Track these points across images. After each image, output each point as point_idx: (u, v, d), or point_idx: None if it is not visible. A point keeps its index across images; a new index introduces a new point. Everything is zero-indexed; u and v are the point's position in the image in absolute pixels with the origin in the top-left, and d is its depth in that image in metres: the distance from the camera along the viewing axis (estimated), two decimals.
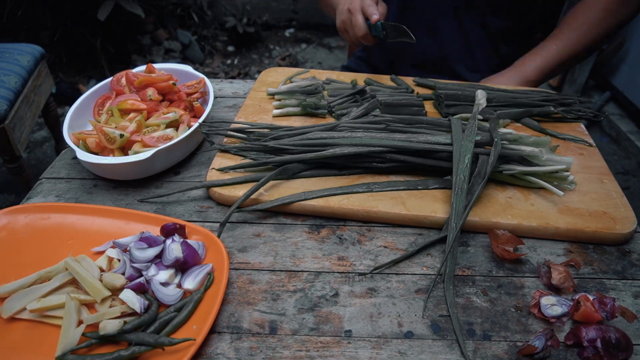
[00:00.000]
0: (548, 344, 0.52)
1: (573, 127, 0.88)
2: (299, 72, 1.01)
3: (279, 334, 0.54)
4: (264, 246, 0.65)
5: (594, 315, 0.54)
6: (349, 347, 0.53)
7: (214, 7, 3.40)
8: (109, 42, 2.84)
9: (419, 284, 0.60)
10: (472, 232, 0.68)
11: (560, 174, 0.71)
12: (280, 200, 0.68)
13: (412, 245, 0.65)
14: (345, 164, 0.74)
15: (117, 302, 0.55)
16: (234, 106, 0.96)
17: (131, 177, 0.75)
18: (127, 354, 0.49)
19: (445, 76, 1.02)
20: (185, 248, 0.59)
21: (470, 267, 0.63)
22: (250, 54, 3.34)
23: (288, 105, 0.89)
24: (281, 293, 0.59)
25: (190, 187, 0.71)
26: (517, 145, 0.73)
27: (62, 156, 0.82)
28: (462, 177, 0.66)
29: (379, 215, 0.68)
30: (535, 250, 0.66)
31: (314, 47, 3.48)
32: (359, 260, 0.63)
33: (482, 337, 0.54)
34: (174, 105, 0.84)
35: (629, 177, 2.31)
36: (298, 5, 3.58)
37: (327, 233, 0.67)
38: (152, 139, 0.74)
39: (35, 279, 0.57)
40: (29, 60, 1.65)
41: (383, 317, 0.56)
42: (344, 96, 0.90)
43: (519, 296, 0.59)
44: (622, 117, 2.57)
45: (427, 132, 0.75)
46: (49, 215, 0.66)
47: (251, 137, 0.78)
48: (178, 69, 0.91)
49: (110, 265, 0.60)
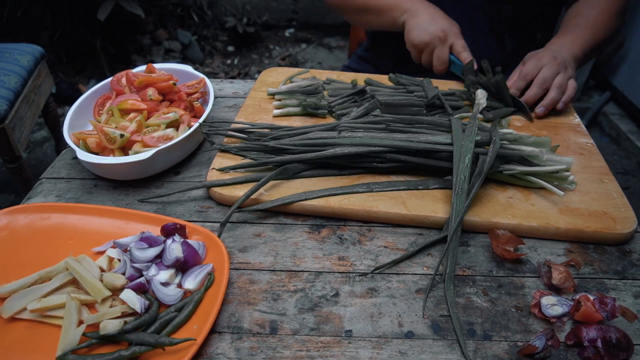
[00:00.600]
0: (548, 344, 0.52)
1: (573, 127, 0.88)
2: (299, 72, 1.01)
3: (280, 334, 0.54)
4: (264, 246, 0.65)
5: (594, 315, 0.54)
6: (349, 347, 0.53)
7: (214, 7, 3.40)
8: (109, 42, 2.84)
9: (419, 284, 0.60)
10: (473, 232, 0.68)
11: (560, 174, 0.71)
12: (280, 200, 0.68)
13: (413, 245, 0.65)
14: (346, 164, 0.74)
15: (118, 302, 0.55)
16: (234, 106, 0.96)
17: (131, 177, 0.75)
18: (127, 354, 0.49)
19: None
20: (186, 248, 0.59)
21: (471, 267, 0.63)
22: (250, 54, 3.34)
23: (288, 105, 0.89)
24: (281, 293, 0.59)
25: (191, 187, 0.71)
26: (517, 145, 0.73)
27: (62, 156, 0.82)
28: (463, 177, 0.66)
29: (380, 215, 0.68)
30: (536, 250, 0.66)
31: (314, 47, 3.48)
32: (360, 260, 0.63)
33: (482, 337, 0.54)
34: (174, 105, 0.84)
35: (629, 177, 2.31)
36: (298, 5, 3.57)
37: (327, 233, 0.67)
38: (153, 139, 0.74)
39: (35, 279, 0.57)
40: (29, 60, 1.65)
41: (383, 317, 0.56)
42: (344, 96, 0.90)
43: (520, 296, 0.59)
44: (622, 117, 2.57)
45: (428, 132, 0.75)
46: (49, 215, 0.66)
47: (251, 137, 0.78)
48: (178, 69, 0.91)
49: (111, 265, 0.60)
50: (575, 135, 0.86)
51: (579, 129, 0.87)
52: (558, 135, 0.85)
